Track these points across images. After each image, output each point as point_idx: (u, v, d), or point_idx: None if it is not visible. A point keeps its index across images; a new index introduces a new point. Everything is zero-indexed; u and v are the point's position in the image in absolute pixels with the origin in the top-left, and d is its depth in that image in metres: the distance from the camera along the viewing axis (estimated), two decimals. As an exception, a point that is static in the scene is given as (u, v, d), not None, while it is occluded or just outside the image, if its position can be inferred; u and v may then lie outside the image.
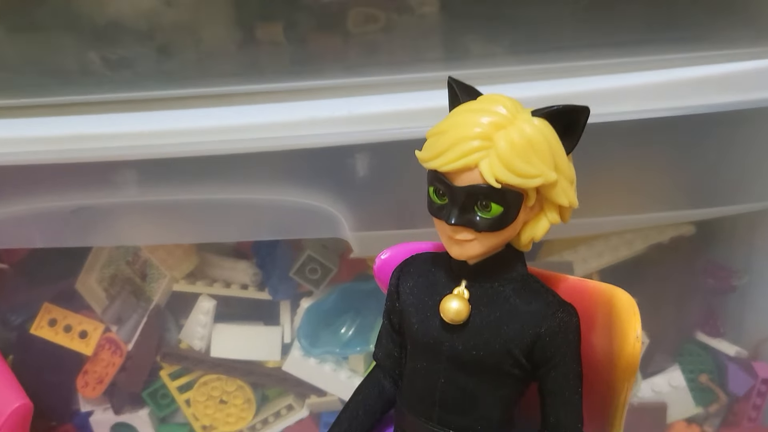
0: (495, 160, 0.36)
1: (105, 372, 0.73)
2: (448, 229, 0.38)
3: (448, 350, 0.40)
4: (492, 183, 0.36)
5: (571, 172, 0.38)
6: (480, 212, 0.37)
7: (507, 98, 0.38)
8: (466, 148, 0.36)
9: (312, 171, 0.56)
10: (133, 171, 0.57)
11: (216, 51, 0.61)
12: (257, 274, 0.70)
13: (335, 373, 0.70)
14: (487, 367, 0.39)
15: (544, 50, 0.58)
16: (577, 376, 0.40)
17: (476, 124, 0.36)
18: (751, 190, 0.60)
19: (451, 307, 0.39)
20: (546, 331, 0.39)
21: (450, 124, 0.37)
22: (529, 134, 0.36)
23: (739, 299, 0.70)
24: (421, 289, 0.42)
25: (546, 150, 0.36)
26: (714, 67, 0.55)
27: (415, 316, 0.42)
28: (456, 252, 0.39)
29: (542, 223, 0.39)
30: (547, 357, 0.39)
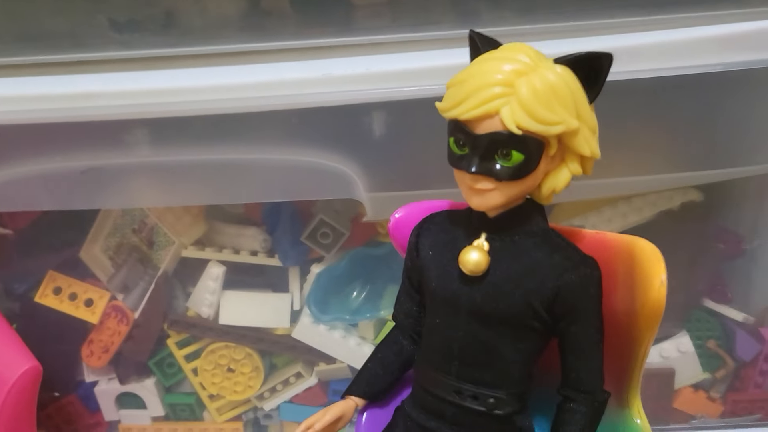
0: (516, 106, 0.36)
1: (111, 341, 0.73)
2: (468, 179, 0.38)
3: (467, 303, 0.40)
4: (513, 130, 0.36)
5: (593, 120, 0.38)
6: (501, 161, 0.37)
7: (529, 47, 0.38)
8: (486, 95, 0.36)
9: (326, 130, 0.56)
10: (144, 130, 0.57)
11: (223, 14, 0.60)
12: (267, 240, 0.69)
13: (344, 340, 0.70)
14: (507, 319, 0.39)
15: (556, 12, 0.57)
16: (598, 331, 0.40)
17: (497, 71, 0.36)
18: (760, 151, 0.60)
19: (471, 258, 0.39)
20: (567, 284, 0.38)
21: (470, 73, 0.37)
22: (551, 81, 0.36)
23: (746, 265, 0.70)
24: (440, 244, 0.42)
25: (568, 97, 0.36)
26: (731, 26, 0.54)
27: (434, 271, 0.41)
28: (476, 202, 0.39)
29: (563, 174, 0.39)
30: (567, 310, 0.39)
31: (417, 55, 0.55)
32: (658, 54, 0.55)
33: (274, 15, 0.59)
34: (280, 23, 0.59)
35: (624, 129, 0.58)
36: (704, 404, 0.72)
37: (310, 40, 0.57)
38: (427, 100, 0.54)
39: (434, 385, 0.42)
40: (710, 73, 0.54)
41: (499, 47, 0.39)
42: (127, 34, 0.59)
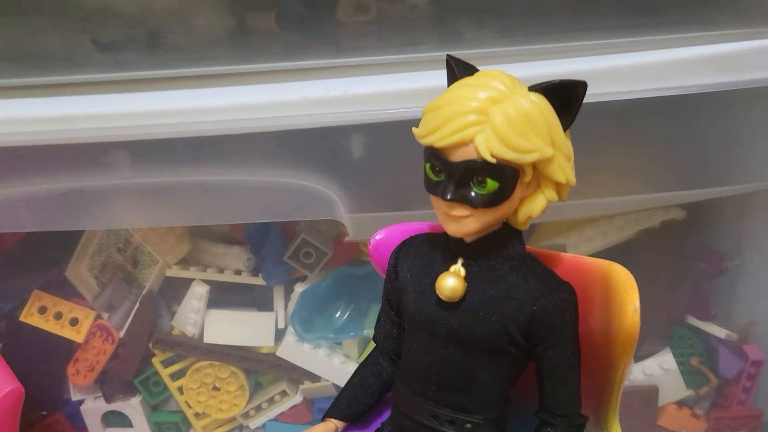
0: (491, 134, 0.36)
1: (96, 359, 0.73)
2: (444, 206, 0.38)
3: (444, 328, 0.40)
4: (487, 158, 0.36)
5: (569, 148, 0.38)
6: (476, 188, 0.37)
7: (504, 74, 0.38)
8: (461, 122, 0.36)
9: (307, 152, 0.56)
10: (125, 152, 0.57)
11: (208, 35, 0.60)
12: (251, 260, 0.69)
13: (329, 359, 0.70)
14: (483, 344, 0.39)
15: (536, 33, 0.58)
16: (575, 355, 0.40)
17: (472, 99, 0.36)
18: (740, 171, 0.60)
19: (447, 284, 0.39)
20: (542, 309, 0.39)
21: (446, 100, 0.37)
22: (525, 109, 0.36)
23: (729, 282, 0.71)
24: (418, 268, 0.42)
25: (542, 125, 0.36)
26: (703, 48, 0.55)
27: (411, 295, 0.42)
28: (452, 229, 0.39)
29: (539, 201, 0.39)
30: (543, 335, 0.39)
31: (396, 76, 0.56)
32: (635, 75, 0.56)
33: (255, 35, 0.60)
34: (261, 44, 0.60)
35: (602, 149, 0.58)
36: (688, 421, 0.72)
37: (291, 63, 0.58)
38: (407, 122, 0.54)
39: (412, 409, 0.42)
40: (685, 95, 0.55)
41: (476, 74, 0.39)
42: (110, 54, 0.59)
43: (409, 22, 0.59)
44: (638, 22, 0.57)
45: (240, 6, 0.60)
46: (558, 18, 0.58)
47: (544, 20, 0.58)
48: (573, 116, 0.38)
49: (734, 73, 0.55)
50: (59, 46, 0.60)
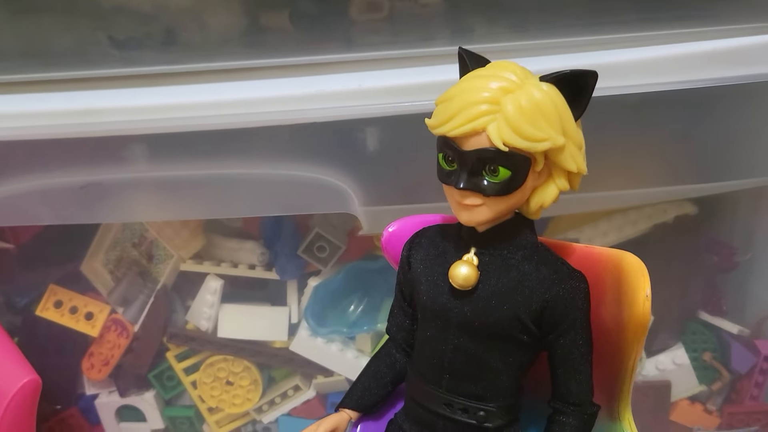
0: (503, 123, 0.36)
1: (111, 354, 0.73)
2: (457, 194, 0.39)
3: (457, 317, 0.40)
4: (499, 146, 0.36)
5: (580, 137, 0.39)
6: (488, 176, 0.37)
7: (516, 65, 0.39)
8: (474, 112, 0.37)
9: (322, 145, 0.56)
10: (142, 146, 0.57)
11: (222, 33, 0.61)
12: (264, 254, 0.70)
13: (342, 353, 0.71)
14: (496, 333, 0.40)
15: (547, 28, 0.58)
16: (587, 344, 0.41)
17: (484, 89, 0.37)
18: (753, 164, 0.60)
19: (460, 272, 0.40)
20: (554, 298, 0.39)
21: (458, 90, 0.38)
22: (537, 98, 0.36)
23: (741, 277, 0.71)
24: (431, 258, 0.42)
25: (554, 114, 0.37)
26: (715, 42, 0.55)
27: (424, 285, 0.42)
28: (465, 217, 0.39)
29: (551, 190, 0.39)
30: (555, 323, 0.40)
31: (409, 71, 0.56)
32: (647, 69, 0.56)
33: (270, 31, 0.60)
34: (276, 40, 0.60)
35: (616, 143, 0.59)
36: (701, 416, 0.72)
37: (305, 57, 0.58)
38: (420, 115, 0.54)
39: (425, 398, 0.43)
40: (698, 89, 0.55)
41: (487, 65, 0.40)
42: (127, 51, 0.60)
43: (421, 20, 0.59)
44: (650, 17, 0.57)
45: (254, 5, 0.60)
46: (570, 13, 0.58)
47: (555, 15, 0.58)
48: (584, 106, 0.38)
49: (745, 67, 0.55)
50: (77, 43, 0.60)
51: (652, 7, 0.57)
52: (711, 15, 0.56)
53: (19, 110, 0.58)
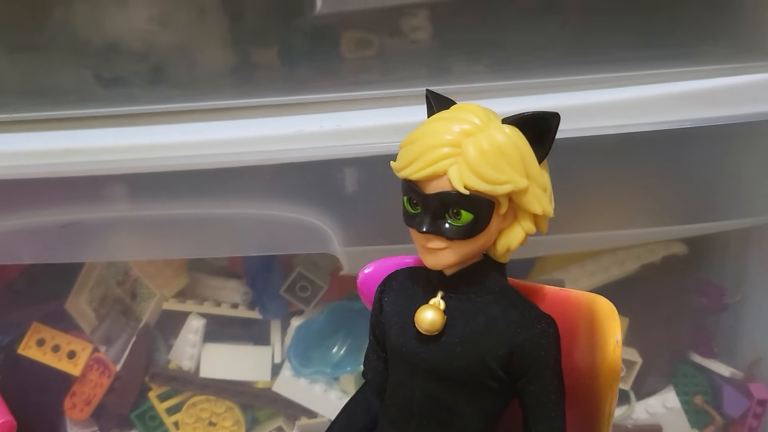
0: (464, 166, 0.36)
1: (93, 393, 0.72)
2: (421, 238, 0.38)
3: (424, 362, 0.40)
4: (460, 189, 0.36)
5: (544, 179, 0.38)
6: (451, 220, 0.37)
7: (479, 107, 0.38)
8: (435, 155, 0.36)
9: (302, 185, 0.56)
10: (123, 185, 0.58)
11: (210, 71, 0.61)
12: (247, 293, 0.69)
13: (326, 394, 0.69)
14: (464, 379, 0.39)
15: (531, 68, 0.58)
16: (557, 389, 0.40)
17: (446, 132, 0.37)
18: (740, 205, 0.60)
19: (426, 317, 0.39)
20: (523, 342, 0.38)
21: (421, 133, 0.38)
22: (498, 141, 0.36)
23: (732, 319, 0.70)
24: (400, 302, 0.42)
25: (516, 157, 0.36)
26: (699, 83, 0.55)
27: (394, 328, 0.41)
28: (430, 261, 0.39)
29: (517, 232, 0.39)
30: (524, 369, 0.39)
31: (392, 110, 0.56)
32: (629, 109, 0.56)
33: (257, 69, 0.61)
34: (262, 79, 0.60)
35: (600, 183, 0.58)
36: (693, 462, 0.71)
37: (291, 97, 0.58)
38: (399, 156, 0.55)
39: (394, 443, 0.42)
40: (679, 129, 0.54)
41: (451, 107, 0.39)
42: (112, 89, 0.60)
43: (411, 57, 0.59)
44: (630, 57, 0.57)
45: (243, 42, 0.61)
46: (553, 53, 0.58)
47: (540, 55, 0.58)
48: (548, 148, 0.38)
49: (727, 107, 0.55)
50: (62, 81, 0.61)
51: (633, 48, 0.57)
52: (692, 55, 0.57)
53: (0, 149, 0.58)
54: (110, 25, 0.60)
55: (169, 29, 0.60)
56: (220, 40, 0.61)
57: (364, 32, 0.59)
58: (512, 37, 0.58)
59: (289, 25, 0.59)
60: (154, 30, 0.60)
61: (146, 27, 0.60)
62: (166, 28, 0.60)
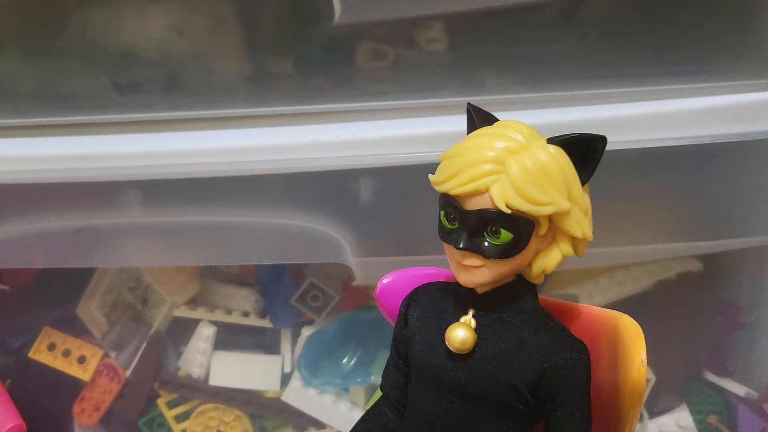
0: (506, 184, 0.35)
1: (102, 398, 0.72)
2: (457, 254, 0.37)
3: (451, 380, 0.39)
4: (502, 208, 0.35)
5: (586, 202, 0.38)
6: (489, 238, 0.36)
7: (523, 124, 0.38)
8: (477, 171, 0.36)
9: (316, 195, 0.56)
10: (137, 191, 0.58)
11: (226, 79, 0.62)
12: (259, 302, 0.69)
13: (335, 405, 0.69)
14: (490, 400, 0.38)
15: (548, 81, 0.58)
16: (585, 416, 0.39)
17: (489, 148, 0.36)
18: (757, 223, 0.59)
19: (457, 335, 0.38)
20: (553, 367, 0.37)
21: (463, 148, 0.37)
22: (543, 161, 0.35)
23: (747, 337, 0.69)
24: (428, 317, 0.41)
25: (560, 178, 0.36)
26: (720, 98, 0.55)
27: (420, 344, 0.41)
28: (464, 278, 0.38)
29: (554, 254, 0.38)
30: (553, 394, 0.38)
31: (407, 121, 0.56)
32: (649, 124, 0.55)
33: (273, 78, 0.61)
34: (278, 88, 0.60)
35: (617, 198, 0.58)
36: (707, 482, 0.70)
37: (305, 106, 0.58)
38: (415, 166, 0.55)
39: (415, 462, 0.41)
40: (699, 145, 0.54)
41: (495, 123, 0.39)
42: (128, 96, 0.61)
43: (426, 69, 0.59)
44: (652, 72, 0.57)
45: (259, 51, 0.61)
46: (574, 66, 0.58)
47: (558, 68, 0.58)
48: (592, 171, 0.37)
49: (747, 123, 0.54)
50: (79, 87, 0.61)
51: (655, 63, 0.57)
52: (712, 71, 0.56)
53: (17, 154, 0.58)
54: (127, 32, 0.60)
55: (185, 37, 0.60)
56: (236, 48, 0.61)
57: (380, 43, 0.59)
58: (530, 50, 0.58)
59: (306, 34, 0.59)
60: (171, 38, 0.60)
61: (163, 35, 0.60)
62: (183, 36, 0.60)
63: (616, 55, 0.57)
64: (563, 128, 0.41)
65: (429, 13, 0.56)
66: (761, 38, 0.56)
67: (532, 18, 0.57)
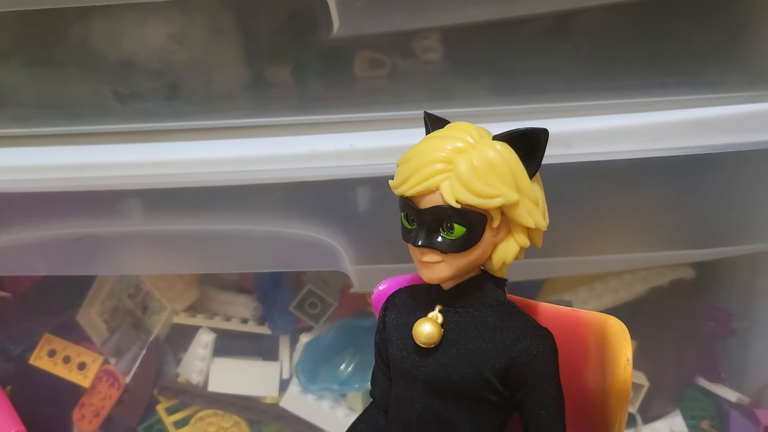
0: (455, 181, 0.37)
1: (102, 405, 0.73)
2: (417, 252, 0.39)
3: (423, 375, 0.40)
4: (452, 203, 0.37)
5: (536, 193, 0.39)
6: (444, 233, 0.38)
7: (473, 126, 0.40)
8: (428, 171, 0.38)
9: (314, 204, 0.57)
10: (138, 200, 0.58)
11: (224, 88, 0.62)
12: (257, 308, 0.70)
13: (333, 411, 0.70)
14: (462, 392, 0.40)
15: (543, 92, 0.59)
16: (556, 402, 0.40)
17: (439, 149, 0.38)
18: (748, 232, 0.60)
19: (423, 330, 0.40)
20: (519, 354, 0.39)
21: (416, 152, 0.39)
22: (489, 157, 0.37)
23: (740, 343, 0.70)
24: (402, 317, 0.43)
25: (506, 171, 0.38)
26: (710, 110, 0.56)
27: (395, 344, 0.42)
28: (426, 275, 0.40)
29: (511, 246, 0.40)
30: (521, 381, 0.39)
31: (402, 132, 0.57)
32: (639, 135, 0.56)
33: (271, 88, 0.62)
34: (276, 98, 0.61)
35: (609, 207, 0.59)
36: (700, 487, 0.70)
37: (304, 117, 0.59)
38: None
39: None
40: (690, 155, 0.55)
41: (446, 126, 0.41)
42: (129, 105, 0.61)
43: (422, 79, 0.60)
44: (641, 83, 0.58)
45: (257, 61, 0.62)
46: (566, 78, 0.59)
47: (550, 80, 0.59)
48: (538, 162, 0.39)
49: (738, 135, 0.55)
50: (79, 97, 0.62)
51: (646, 75, 0.58)
52: (703, 83, 0.57)
53: (18, 163, 0.59)
54: (128, 42, 0.61)
55: (185, 47, 0.61)
56: (235, 59, 0.62)
57: (377, 52, 0.60)
58: (525, 61, 0.59)
59: (304, 45, 0.60)
60: (171, 48, 0.61)
61: (163, 45, 0.61)
62: (183, 46, 0.61)
63: (608, 68, 0.58)
64: (554, 139, 0.41)
65: (425, 26, 0.57)
66: (750, 51, 0.57)
67: (527, 28, 0.58)
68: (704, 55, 0.57)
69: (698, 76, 0.57)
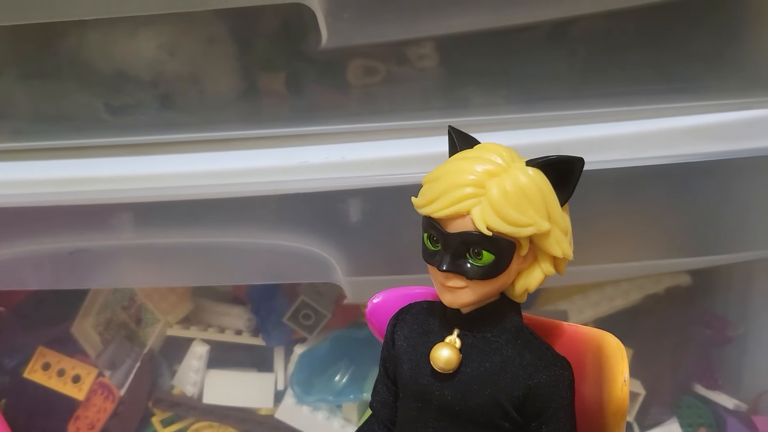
0: (487, 207, 0.36)
1: (96, 418, 0.73)
2: (440, 276, 0.38)
3: (437, 399, 0.39)
4: (483, 230, 0.36)
5: (566, 222, 0.38)
6: (471, 260, 0.37)
7: (503, 147, 0.38)
8: (458, 194, 0.36)
9: (306, 216, 0.57)
10: (130, 214, 0.58)
11: (217, 100, 0.62)
12: (251, 320, 0.70)
13: (328, 422, 0.69)
14: (476, 418, 0.39)
15: (538, 101, 0.59)
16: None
17: (470, 171, 0.37)
18: (745, 239, 0.60)
19: (441, 355, 0.39)
20: (538, 385, 0.38)
21: (444, 171, 0.38)
22: (522, 183, 0.36)
23: (737, 351, 0.69)
24: (414, 337, 0.42)
25: (539, 199, 0.36)
26: (705, 117, 0.55)
27: (407, 364, 0.41)
28: (448, 299, 0.39)
29: (536, 274, 0.39)
30: (538, 411, 0.38)
31: (394, 143, 0.57)
32: (635, 143, 0.56)
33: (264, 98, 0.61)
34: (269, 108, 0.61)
35: (605, 216, 0.58)
36: (698, 495, 0.70)
37: (296, 128, 0.59)
38: (402, 187, 0.55)
39: (403, 480, 0.41)
40: (685, 163, 0.55)
41: (475, 146, 0.40)
42: (120, 118, 0.61)
43: (416, 88, 0.60)
44: (639, 91, 0.58)
45: (249, 70, 0.61)
46: (562, 84, 0.59)
47: (546, 88, 0.59)
48: (570, 191, 0.38)
49: (732, 142, 0.55)
50: (71, 110, 0.62)
51: (642, 82, 0.58)
52: (700, 90, 0.57)
53: (10, 178, 0.58)
54: (120, 53, 0.60)
55: (177, 58, 0.61)
56: (227, 69, 0.61)
57: (371, 60, 0.59)
58: (520, 69, 0.58)
59: (297, 54, 0.60)
60: (163, 59, 0.61)
61: (155, 56, 0.61)
62: (175, 57, 0.61)
63: (604, 76, 0.58)
64: (551, 148, 0.41)
65: (416, 36, 0.57)
66: (746, 58, 0.57)
67: (523, 36, 0.58)
68: (698, 62, 0.57)
69: (692, 83, 0.57)
